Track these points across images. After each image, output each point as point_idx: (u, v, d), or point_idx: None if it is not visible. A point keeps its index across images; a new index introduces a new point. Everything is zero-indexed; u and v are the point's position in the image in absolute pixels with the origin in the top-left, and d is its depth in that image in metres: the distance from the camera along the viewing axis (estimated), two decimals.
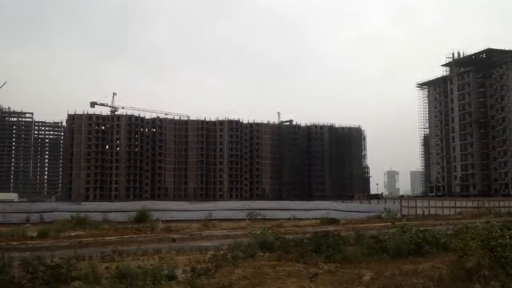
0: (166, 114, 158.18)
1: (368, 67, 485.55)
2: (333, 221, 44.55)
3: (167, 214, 49.73)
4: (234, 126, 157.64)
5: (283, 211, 55.37)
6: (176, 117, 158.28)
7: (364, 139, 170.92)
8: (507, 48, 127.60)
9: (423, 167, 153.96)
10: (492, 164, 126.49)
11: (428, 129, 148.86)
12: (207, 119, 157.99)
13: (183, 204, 59.40)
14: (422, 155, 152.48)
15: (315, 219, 48.93)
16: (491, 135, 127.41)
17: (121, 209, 50.23)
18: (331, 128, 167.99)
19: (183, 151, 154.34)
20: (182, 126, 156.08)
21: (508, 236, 13.50)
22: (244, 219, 48.04)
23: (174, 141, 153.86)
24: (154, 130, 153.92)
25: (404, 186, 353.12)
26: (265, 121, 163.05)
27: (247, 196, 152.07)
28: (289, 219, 50.47)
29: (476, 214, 52.01)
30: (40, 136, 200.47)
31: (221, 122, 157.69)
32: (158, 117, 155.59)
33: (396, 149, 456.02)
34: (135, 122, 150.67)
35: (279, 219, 48.61)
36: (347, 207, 60.64)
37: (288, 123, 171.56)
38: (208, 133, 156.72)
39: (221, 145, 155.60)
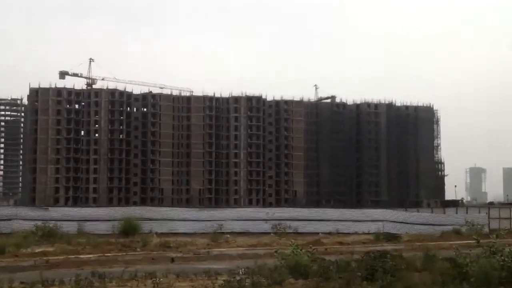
0: (161, 88, 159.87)
1: (440, 27, 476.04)
2: (392, 237, 44.93)
3: (164, 225, 50.93)
4: (254, 104, 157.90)
5: (322, 223, 56.10)
6: (175, 92, 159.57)
7: (437, 122, 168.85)
8: None
9: None
10: None
11: None
12: (217, 95, 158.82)
13: (185, 212, 60.50)
14: None
15: (367, 234, 49.36)
16: None
17: (102, 217, 51.60)
18: (389, 107, 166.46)
19: (185, 138, 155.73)
20: (183, 105, 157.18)
21: None
22: (268, 233, 48.76)
23: (173, 125, 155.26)
24: (145, 109, 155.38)
25: (494, 189, 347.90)
26: (297, 98, 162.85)
27: (272, 201, 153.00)
28: (330, 233, 51.26)
29: None
30: None
31: (236, 99, 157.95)
32: (151, 92, 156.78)
33: (483, 138, 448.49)
34: (119, 99, 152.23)
35: (316, 233, 49.47)
36: (412, 218, 60.60)
37: (329, 100, 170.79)
38: (219, 114, 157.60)
39: (237, 131, 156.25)
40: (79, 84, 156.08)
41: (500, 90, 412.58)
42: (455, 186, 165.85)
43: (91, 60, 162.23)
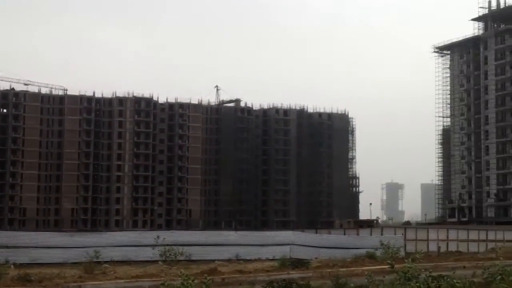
0: (26, 84, 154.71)
1: (362, 28, 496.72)
2: (300, 264, 45.50)
3: (25, 254, 48.79)
4: (143, 107, 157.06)
5: (219, 248, 55.89)
6: (45, 90, 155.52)
7: (353, 132, 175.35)
8: None
9: (440, 179, 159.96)
10: None
11: (449, 119, 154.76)
12: (98, 95, 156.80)
13: (53, 237, 58.38)
14: (440, 160, 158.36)
15: (272, 260, 49.69)
16: None
17: None
18: (301, 113, 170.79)
19: (56, 147, 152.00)
20: (55, 106, 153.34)
21: None
22: (156, 261, 47.96)
23: (40, 130, 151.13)
24: (5, 110, 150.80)
25: (412, 207, 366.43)
26: (194, 101, 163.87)
27: (162, 222, 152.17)
28: (229, 260, 50.92)
29: None
30: None
31: (121, 101, 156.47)
32: (13, 89, 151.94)
33: (400, 151, 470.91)
34: None
35: (213, 260, 48.81)
36: (322, 240, 61.95)
37: (233, 104, 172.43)
38: (100, 118, 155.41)
39: (121, 139, 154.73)
40: None
41: (418, 96, 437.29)
42: (370, 204, 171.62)
43: None
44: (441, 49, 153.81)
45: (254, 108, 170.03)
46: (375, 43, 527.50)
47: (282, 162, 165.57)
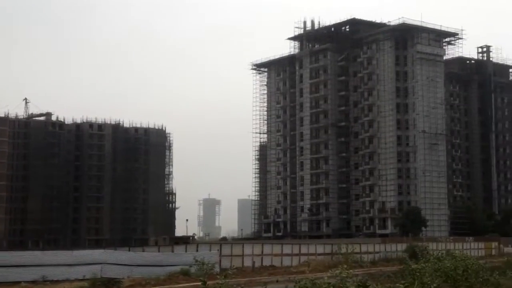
0: None
1: (181, 40, 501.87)
2: (111, 283, 44.54)
3: None
4: None
5: (25, 269, 52.77)
6: None
7: (170, 148, 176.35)
8: (379, 20, 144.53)
9: (256, 194, 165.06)
10: (353, 189, 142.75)
11: (266, 136, 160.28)
12: None
13: None
14: (256, 175, 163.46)
15: (82, 280, 48.00)
16: (353, 146, 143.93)
17: None
18: (116, 128, 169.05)
19: None
20: None
21: None
22: None
23: None
24: None
25: (229, 222, 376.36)
26: (0, 113, 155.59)
27: None
28: (35, 282, 48.47)
29: (329, 264, 57.42)
30: None
31: None
32: None
33: (219, 166, 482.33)
34: None
35: (17, 282, 46.37)
36: (135, 258, 60.44)
37: (43, 118, 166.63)
38: None
39: None
40: None
41: (241, 116, 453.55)
42: (187, 220, 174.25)
43: None
44: (258, 67, 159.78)
45: (66, 123, 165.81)
46: (199, 59, 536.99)
47: (96, 178, 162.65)
